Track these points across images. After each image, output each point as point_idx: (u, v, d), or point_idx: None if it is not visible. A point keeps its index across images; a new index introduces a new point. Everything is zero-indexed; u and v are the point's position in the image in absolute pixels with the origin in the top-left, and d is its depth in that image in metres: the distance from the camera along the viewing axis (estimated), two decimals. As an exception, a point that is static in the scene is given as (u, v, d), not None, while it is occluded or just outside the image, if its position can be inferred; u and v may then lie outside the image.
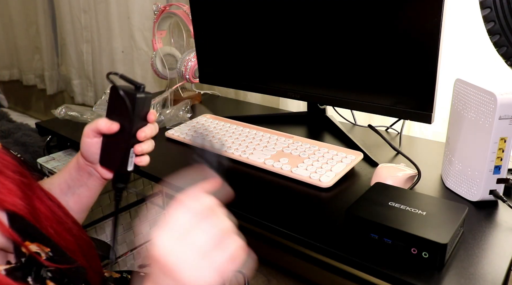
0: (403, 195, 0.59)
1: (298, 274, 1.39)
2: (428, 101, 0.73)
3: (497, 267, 0.50)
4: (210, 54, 1.08)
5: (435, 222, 0.53)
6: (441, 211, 0.55)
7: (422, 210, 0.54)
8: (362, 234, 0.55)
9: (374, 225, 0.53)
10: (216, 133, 0.91)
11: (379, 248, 0.53)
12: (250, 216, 0.64)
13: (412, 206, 0.55)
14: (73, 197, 0.60)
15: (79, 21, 1.92)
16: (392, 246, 0.52)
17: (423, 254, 0.50)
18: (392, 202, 0.57)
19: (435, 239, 0.49)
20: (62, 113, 1.09)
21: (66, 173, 0.61)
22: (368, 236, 0.54)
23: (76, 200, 0.61)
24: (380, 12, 0.75)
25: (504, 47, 0.66)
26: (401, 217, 0.53)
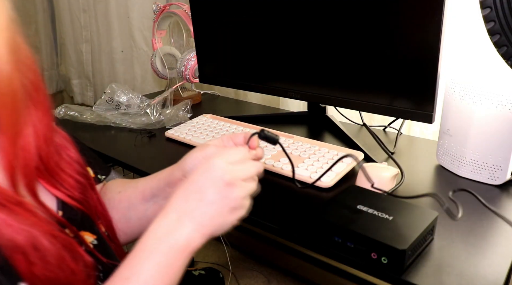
0: (375, 198, 0.58)
1: (298, 274, 1.39)
2: (429, 101, 0.73)
3: (498, 267, 0.50)
4: (210, 54, 1.08)
5: (400, 227, 0.52)
6: (409, 217, 0.54)
7: (389, 215, 0.54)
8: (327, 237, 0.55)
9: (337, 228, 0.53)
10: (216, 133, 0.91)
11: (344, 251, 0.53)
12: (250, 216, 0.64)
13: (380, 210, 0.55)
14: (154, 206, 0.57)
15: (78, 20, 1.92)
16: (354, 249, 0.52)
17: (382, 259, 0.49)
18: (361, 206, 0.56)
19: (394, 245, 0.48)
20: (61, 113, 1.08)
21: (154, 181, 0.58)
22: (332, 239, 0.54)
23: (156, 210, 0.57)
24: (381, 11, 0.75)
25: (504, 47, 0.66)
26: (365, 221, 0.53)
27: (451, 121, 0.73)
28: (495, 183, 0.69)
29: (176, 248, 0.42)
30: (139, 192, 0.58)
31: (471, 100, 0.68)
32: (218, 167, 0.44)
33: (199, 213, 0.43)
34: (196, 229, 0.43)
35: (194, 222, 0.43)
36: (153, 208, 0.58)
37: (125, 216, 0.58)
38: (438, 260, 0.52)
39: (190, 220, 0.43)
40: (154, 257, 0.41)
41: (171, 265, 0.41)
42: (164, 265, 0.41)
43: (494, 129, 0.66)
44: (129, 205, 0.58)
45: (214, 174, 0.44)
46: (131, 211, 0.58)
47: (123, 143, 0.96)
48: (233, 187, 0.44)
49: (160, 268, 0.40)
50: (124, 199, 0.58)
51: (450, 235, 0.57)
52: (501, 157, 0.67)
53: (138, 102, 1.11)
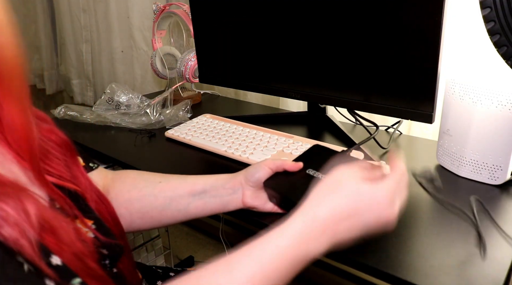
0: (328, 160, 0.56)
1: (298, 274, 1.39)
2: (429, 101, 0.73)
3: (498, 267, 0.50)
4: (210, 54, 1.08)
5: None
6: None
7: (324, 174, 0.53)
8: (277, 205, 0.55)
9: (277, 195, 0.54)
10: (216, 133, 0.91)
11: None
12: (250, 216, 0.64)
13: (325, 173, 0.52)
14: (198, 201, 0.58)
15: (78, 20, 1.92)
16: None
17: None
18: (310, 170, 0.55)
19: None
20: (61, 113, 1.08)
21: (211, 178, 0.59)
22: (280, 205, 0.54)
23: (199, 205, 0.59)
24: (381, 12, 0.75)
25: (504, 47, 0.66)
26: (304, 186, 0.50)
27: (451, 121, 0.73)
28: (495, 183, 0.69)
29: (302, 258, 0.41)
30: (189, 184, 0.59)
31: (471, 100, 0.68)
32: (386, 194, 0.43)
33: (343, 232, 0.42)
34: (329, 244, 0.42)
35: (333, 239, 0.42)
36: (197, 203, 0.58)
37: (163, 205, 0.59)
38: (438, 260, 0.52)
39: (331, 236, 0.42)
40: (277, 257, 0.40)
41: (289, 271, 0.41)
42: (281, 268, 0.40)
43: (494, 129, 0.66)
44: (174, 195, 0.59)
45: (381, 202, 0.42)
46: (173, 201, 0.59)
47: (123, 143, 0.96)
48: (393, 210, 0.43)
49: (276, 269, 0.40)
50: (167, 189, 0.59)
51: (450, 235, 0.57)
52: (501, 157, 0.67)
53: (138, 102, 1.11)
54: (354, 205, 0.42)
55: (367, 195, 0.42)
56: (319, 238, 0.41)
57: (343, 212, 0.42)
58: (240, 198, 0.59)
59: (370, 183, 0.43)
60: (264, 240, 0.41)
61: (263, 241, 0.41)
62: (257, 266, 0.39)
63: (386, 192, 0.43)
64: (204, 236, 1.70)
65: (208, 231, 1.69)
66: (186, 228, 1.76)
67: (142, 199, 0.60)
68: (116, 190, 0.61)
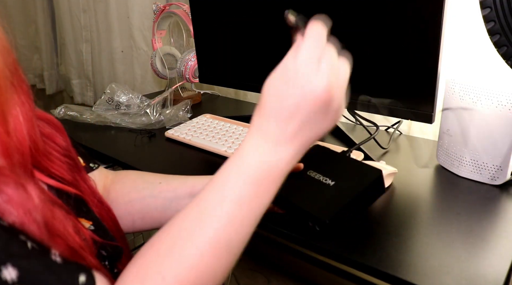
0: (328, 161, 0.56)
1: (298, 274, 1.39)
2: (429, 101, 0.73)
3: (498, 267, 0.50)
4: (210, 54, 1.08)
5: (334, 194, 0.50)
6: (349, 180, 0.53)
7: (332, 180, 0.52)
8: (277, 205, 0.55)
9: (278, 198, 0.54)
10: (216, 133, 0.91)
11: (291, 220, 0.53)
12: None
13: (326, 175, 0.53)
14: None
15: (78, 20, 1.92)
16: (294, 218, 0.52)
17: (316, 227, 0.49)
18: (311, 171, 0.55)
19: (317, 215, 0.47)
20: (61, 113, 1.08)
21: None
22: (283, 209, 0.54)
23: None
24: (381, 11, 0.75)
25: (504, 47, 0.66)
26: (305, 189, 0.50)
27: (451, 121, 0.73)
28: (495, 183, 0.69)
29: (274, 171, 0.39)
30: (188, 186, 0.59)
31: (471, 100, 0.68)
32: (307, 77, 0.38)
33: (301, 132, 0.39)
34: (297, 149, 0.39)
35: (297, 143, 0.39)
36: None
37: (163, 205, 0.59)
38: (438, 260, 0.52)
39: (292, 141, 0.39)
40: (245, 179, 0.38)
41: (263, 191, 0.39)
42: (254, 191, 0.38)
43: (494, 129, 0.66)
44: (174, 196, 0.59)
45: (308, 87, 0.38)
46: (173, 202, 0.59)
47: (123, 142, 0.96)
48: (333, 91, 0.39)
49: (252, 193, 0.38)
50: (167, 190, 0.59)
51: (450, 235, 0.57)
52: (501, 157, 0.67)
53: (138, 102, 1.11)
54: (279, 99, 0.39)
55: (277, 78, 0.39)
56: (278, 145, 0.39)
57: (278, 113, 0.39)
58: None
59: (276, 68, 0.39)
60: (224, 168, 0.40)
61: (223, 169, 0.40)
62: (227, 193, 0.38)
63: (289, 65, 0.39)
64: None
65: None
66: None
67: (142, 200, 0.60)
68: (116, 191, 0.61)
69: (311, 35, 0.40)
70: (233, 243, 0.37)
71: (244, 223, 0.38)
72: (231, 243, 0.37)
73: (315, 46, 0.40)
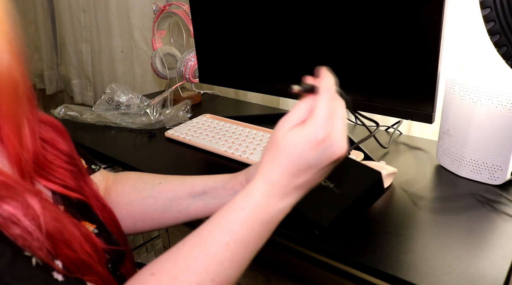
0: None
1: (298, 274, 1.39)
2: (429, 101, 0.73)
3: (498, 267, 0.50)
4: (210, 54, 1.08)
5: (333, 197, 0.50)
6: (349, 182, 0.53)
7: (332, 182, 0.52)
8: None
9: None
10: (216, 133, 0.91)
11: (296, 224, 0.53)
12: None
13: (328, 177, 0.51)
14: (199, 203, 0.58)
15: (78, 20, 1.92)
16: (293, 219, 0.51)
17: (315, 231, 0.49)
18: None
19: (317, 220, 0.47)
20: (61, 113, 1.08)
21: (210, 179, 0.58)
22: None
23: (199, 207, 0.58)
24: (381, 12, 0.75)
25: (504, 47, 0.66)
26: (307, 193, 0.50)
27: (451, 121, 0.73)
28: (495, 183, 0.69)
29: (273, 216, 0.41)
30: (188, 186, 0.58)
31: (471, 100, 0.68)
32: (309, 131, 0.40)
33: (307, 184, 0.42)
34: (298, 197, 0.42)
35: (300, 193, 0.42)
36: (197, 204, 0.58)
37: (164, 206, 0.59)
38: (438, 260, 0.52)
39: (296, 192, 0.42)
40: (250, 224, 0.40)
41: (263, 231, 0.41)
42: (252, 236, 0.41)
43: (494, 129, 0.66)
44: (174, 196, 0.58)
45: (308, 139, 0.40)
46: (173, 203, 0.58)
47: (123, 142, 0.96)
48: (329, 140, 0.40)
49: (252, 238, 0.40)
50: (167, 190, 0.59)
51: (450, 235, 0.57)
52: (501, 157, 0.67)
53: (138, 102, 1.11)
54: (302, 163, 0.40)
55: (306, 144, 0.40)
56: (283, 197, 0.41)
57: (293, 169, 0.41)
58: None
59: (300, 128, 0.41)
60: (230, 206, 0.41)
61: (230, 207, 0.41)
62: (229, 233, 0.40)
63: (318, 128, 0.40)
64: (204, 236, 1.70)
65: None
66: (186, 228, 1.76)
67: (142, 201, 0.59)
68: (116, 192, 0.61)
69: (326, 96, 0.42)
70: (231, 278, 0.40)
71: (243, 261, 0.41)
72: (229, 278, 0.40)
73: (330, 106, 0.41)
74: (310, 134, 0.39)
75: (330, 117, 0.40)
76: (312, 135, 0.39)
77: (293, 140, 0.40)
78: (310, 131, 0.39)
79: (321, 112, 0.40)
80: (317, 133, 0.39)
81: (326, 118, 0.40)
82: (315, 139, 0.39)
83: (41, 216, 0.35)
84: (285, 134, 0.41)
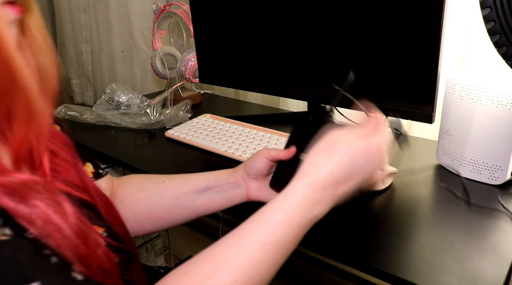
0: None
1: (298, 274, 1.39)
2: (429, 101, 0.73)
3: (498, 267, 0.50)
4: (210, 54, 1.08)
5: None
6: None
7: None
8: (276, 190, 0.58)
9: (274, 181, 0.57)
10: (216, 133, 0.91)
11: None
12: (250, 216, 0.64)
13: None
14: (203, 198, 0.59)
15: (78, 20, 1.92)
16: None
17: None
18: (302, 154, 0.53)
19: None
20: (61, 113, 1.08)
21: (213, 175, 0.60)
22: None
23: (204, 202, 0.59)
24: (381, 12, 0.75)
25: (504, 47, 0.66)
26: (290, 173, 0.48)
27: (451, 121, 0.73)
28: (495, 183, 0.69)
29: (308, 221, 0.43)
30: (192, 182, 0.60)
31: (471, 100, 0.68)
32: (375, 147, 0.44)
33: (342, 195, 0.44)
34: (329, 208, 0.44)
35: (331, 204, 0.44)
36: (202, 199, 0.59)
37: (169, 203, 0.60)
38: (438, 260, 0.52)
39: (330, 202, 0.43)
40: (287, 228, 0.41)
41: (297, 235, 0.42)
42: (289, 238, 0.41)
43: (494, 129, 0.66)
44: (179, 193, 0.59)
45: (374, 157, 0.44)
46: (178, 200, 0.59)
47: (123, 142, 0.96)
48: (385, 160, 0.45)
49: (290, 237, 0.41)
50: (172, 187, 0.60)
51: (450, 235, 0.57)
52: (501, 157, 0.67)
53: (138, 102, 1.11)
54: (350, 167, 0.43)
55: (361, 153, 0.43)
56: (321, 201, 0.42)
57: (340, 175, 0.43)
58: (244, 192, 0.60)
59: (362, 140, 0.44)
60: (270, 207, 0.42)
61: (270, 208, 0.42)
62: (267, 233, 0.40)
63: (377, 146, 0.44)
64: (204, 236, 1.70)
65: (208, 231, 1.68)
66: (186, 228, 1.76)
67: (148, 200, 0.60)
68: (121, 193, 0.61)
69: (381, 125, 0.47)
70: (264, 281, 0.40)
71: (276, 266, 0.41)
72: (262, 281, 0.40)
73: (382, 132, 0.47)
74: (374, 141, 0.44)
75: (384, 139, 0.46)
76: (375, 142, 0.44)
77: (356, 142, 0.43)
78: (374, 139, 0.44)
79: (380, 134, 0.45)
80: (379, 142, 0.44)
81: (383, 139, 0.45)
82: (375, 145, 0.44)
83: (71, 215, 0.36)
84: (347, 141, 0.44)
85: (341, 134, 0.45)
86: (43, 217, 0.34)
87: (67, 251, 0.34)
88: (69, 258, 0.34)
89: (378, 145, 0.45)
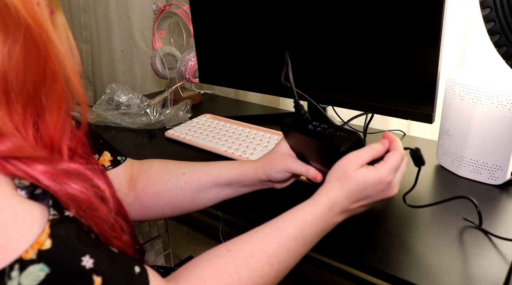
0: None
1: (298, 274, 1.39)
2: (429, 101, 0.73)
3: (498, 267, 0.50)
4: (210, 54, 1.08)
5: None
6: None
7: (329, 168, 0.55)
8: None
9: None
10: (216, 133, 0.91)
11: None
12: (250, 216, 0.64)
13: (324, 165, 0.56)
14: (228, 190, 0.63)
15: (78, 20, 1.92)
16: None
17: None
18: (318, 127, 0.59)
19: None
20: (61, 113, 1.08)
21: (235, 172, 0.61)
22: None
23: (229, 193, 0.63)
24: (381, 11, 0.75)
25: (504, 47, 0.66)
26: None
27: (451, 121, 0.73)
28: (495, 183, 0.69)
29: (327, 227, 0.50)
30: (213, 177, 0.62)
31: (471, 100, 0.68)
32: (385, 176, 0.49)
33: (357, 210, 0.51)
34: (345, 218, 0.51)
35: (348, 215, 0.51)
36: (226, 192, 0.63)
37: (191, 196, 0.62)
38: (438, 260, 0.52)
39: (347, 214, 0.51)
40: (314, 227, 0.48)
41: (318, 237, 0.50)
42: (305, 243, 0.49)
43: (494, 129, 0.66)
44: (199, 186, 0.62)
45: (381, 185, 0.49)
46: (200, 192, 0.62)
47: (123, 142, 0.96)
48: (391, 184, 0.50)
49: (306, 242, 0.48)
50: (192, 181, 0.62)
51: (450, 235, 0.57)
52: (501, 157, 0.67)
53: (138, 102, 1.11)
54: (363, 193, 0.49)
55: (372, 182, 0.49)
56: (338, 214, 0.50)
57: (353, 197, 0.49)
58: (270, 185, 0.63)
59: (374, 169, 0.49)
60: (302, 209, 0.49)
61: (301, 210, 0.49)
62: (298, 229, 0.47)
63: (387, 174, 0.49)
64: (204, 236, 1.70)
65: (208, 231, 1.68)
66: (186, 228, 1.76)
67: (168, 192, 0.61)
68: (142, 182, 0.62)
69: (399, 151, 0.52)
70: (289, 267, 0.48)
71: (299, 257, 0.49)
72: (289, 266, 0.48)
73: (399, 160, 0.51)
74: (381, 175, 0.48)
75: (397, 168, 0.50)
76: (382, 177, 0.48)
77: (366, 175, 0.48)
78: (381, 174, 0.48)
79: (394, 163, 0.50)
80: (386, 176, 0.49)
81: (395, 168, 0.50)
82: (383, 180, 0.48)
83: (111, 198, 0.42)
84: (359, 169, 0.49)
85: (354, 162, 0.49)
86: (85, 199, 0.37)
87: (102, 231, 0.39)
88: (102, 237, 0.39)
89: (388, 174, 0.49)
